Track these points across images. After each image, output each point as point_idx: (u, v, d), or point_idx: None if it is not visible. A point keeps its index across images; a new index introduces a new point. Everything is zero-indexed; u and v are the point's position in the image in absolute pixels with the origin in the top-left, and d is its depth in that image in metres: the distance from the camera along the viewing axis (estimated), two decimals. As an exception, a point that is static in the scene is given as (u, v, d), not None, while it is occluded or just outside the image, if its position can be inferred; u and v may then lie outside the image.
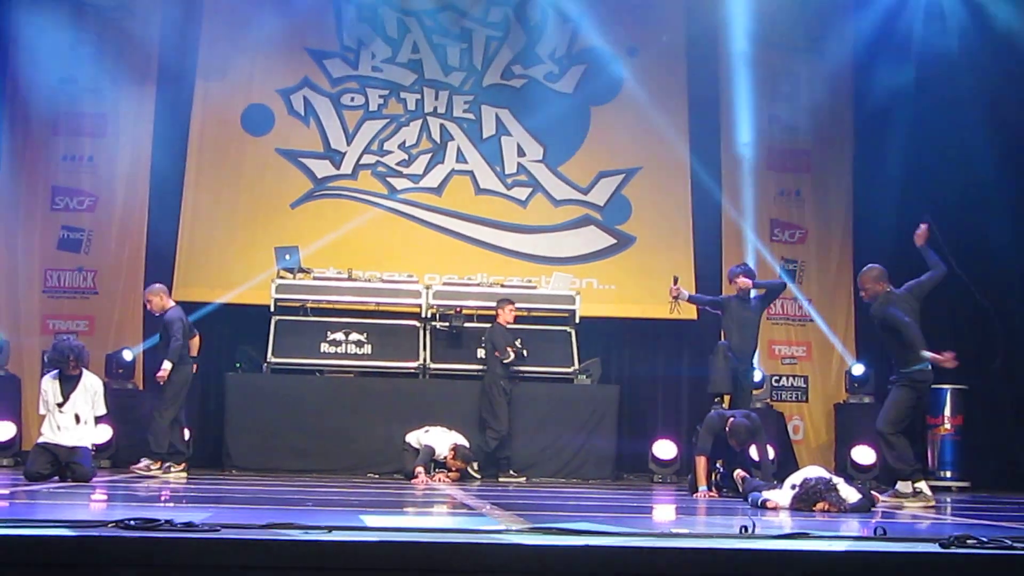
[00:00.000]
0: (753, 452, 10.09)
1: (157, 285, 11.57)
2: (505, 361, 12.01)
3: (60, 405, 9.03)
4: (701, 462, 9.81)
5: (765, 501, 8.02)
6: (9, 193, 13.42)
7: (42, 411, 9.17)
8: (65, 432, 9.02)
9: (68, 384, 9.09)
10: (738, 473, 9.55)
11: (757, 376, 13.32)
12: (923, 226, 9.79)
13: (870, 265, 10.05)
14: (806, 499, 7.77)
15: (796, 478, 8.12)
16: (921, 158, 13.40)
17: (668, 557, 4.01)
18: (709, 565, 3.94)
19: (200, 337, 11.55)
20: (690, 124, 14.49)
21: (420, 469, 11.00)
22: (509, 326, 12.23)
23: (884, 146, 13.82)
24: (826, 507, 7.67)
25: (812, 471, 8.33)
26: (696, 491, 9.72)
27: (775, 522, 6.76)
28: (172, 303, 11.44)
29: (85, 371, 9.22)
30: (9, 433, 11.85)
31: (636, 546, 4.14)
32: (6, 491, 7.57)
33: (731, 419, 9.75)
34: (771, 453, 12.53)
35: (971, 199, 13.08)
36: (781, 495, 8.01)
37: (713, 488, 9.78)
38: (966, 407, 12.71)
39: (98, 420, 9.37)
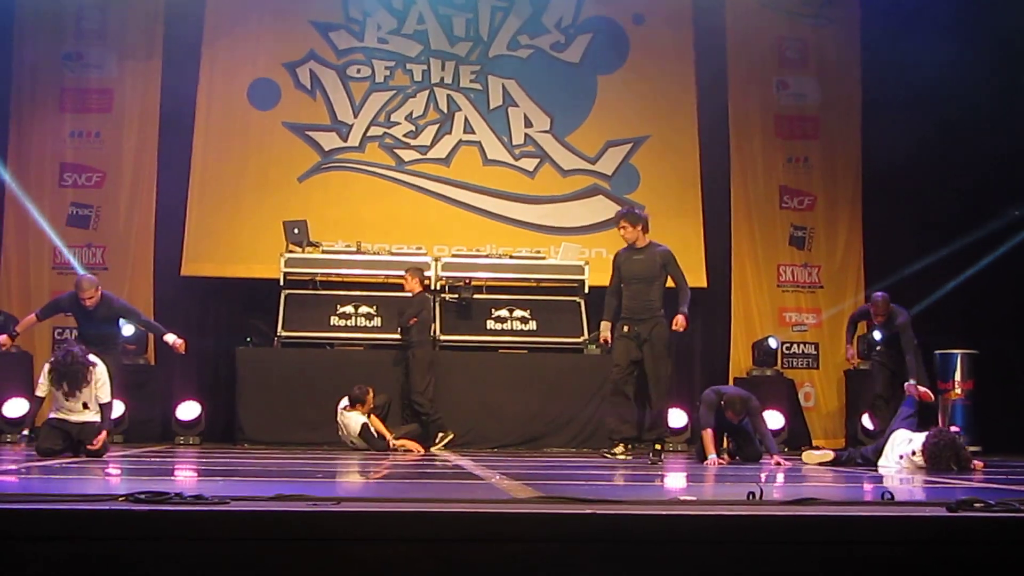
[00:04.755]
0: (752, 425, 10.15)
1: (89, 276, 10.65)
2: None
3: (67, 395, 9.00)
4: (707, 434, 9.89)
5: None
6: (18, 170, 13.46)
7: (40, 394, 9.10)
8: (74, 413, 9.03)
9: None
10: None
11: (773, 344, 13.34)
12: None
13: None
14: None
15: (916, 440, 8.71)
16: (930, 121, 13.34)
17: (676, 524, 4.01)
18: (717, 531, 3.95)
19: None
20: (698, 91, 14.44)
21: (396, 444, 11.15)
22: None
23: (892, 110, 13.76)
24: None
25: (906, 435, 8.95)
26: (704, 460, 9.78)
27: (784, 488, 6.78)
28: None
29: (89, 358, 9.14)
30: (21, 409, 11.91)
31: (644, 513, 4.15)
32: (19, 467, 7.62)
33: (725, 394, 10.00)
34: (781, 421, 12.63)
35: (981, 162, 13.06)
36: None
37: (725, 455, 9.94)
38: (977, 371, 12.70)
39: (104, 404, 9.22)
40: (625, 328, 9.62)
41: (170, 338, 10.39)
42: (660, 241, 13.87)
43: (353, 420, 11.23)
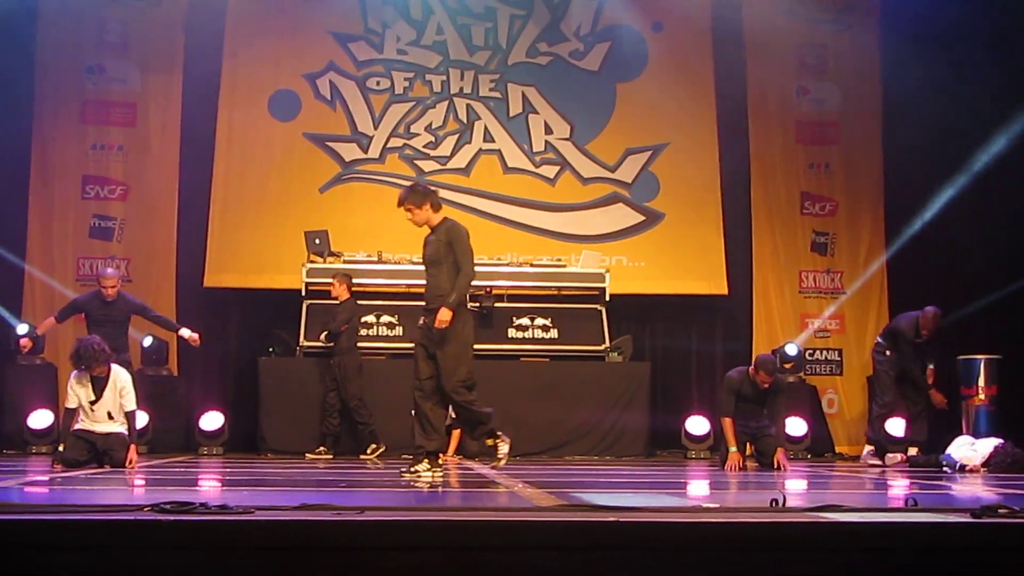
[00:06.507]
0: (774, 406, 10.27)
1: (110, 270, 11.25)
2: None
3: (93, 403, 9.05)
4: (727, 423, 9.93)
5: (964, 466, 9.74)
6: (41, 182, 13.56)
7: (70, 405, 9.14)
8: (99, 424, 9.08)
9: (99, 382, 9.11)
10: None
11: (793, 351, 13.30)
12: None
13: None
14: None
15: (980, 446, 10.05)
16: (951, 125, 13.28)
17: (699, 531, 4.02)
18: (741, 539, 3.95)
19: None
20: (717, 98, 14.42)
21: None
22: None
23: (913, 114, 13.70)
24: None
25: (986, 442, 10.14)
26: (727, 458, 9.77)
27: (806, 495, 6.77)
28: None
29: (113, 366, 9.21)
30: (47, 421, 11.98)
31: (668, 521, 4.16)
32: (44, 477, 7.66)
33: (754, 360, 10.16)
34: (804, 428, 12.60)
35: (1001, 163, 12.97)
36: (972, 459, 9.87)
37: (746, 459, 9.99)
38: (1000, 377, 12.60)
39: (129, 413, 9.27)
40: (420, 321, 8.25)
41: (185, 332, 10.77)
42: (681, 249, 14.00)
43: None
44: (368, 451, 11.70)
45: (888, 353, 11.78)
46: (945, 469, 9.96)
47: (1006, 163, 12.96)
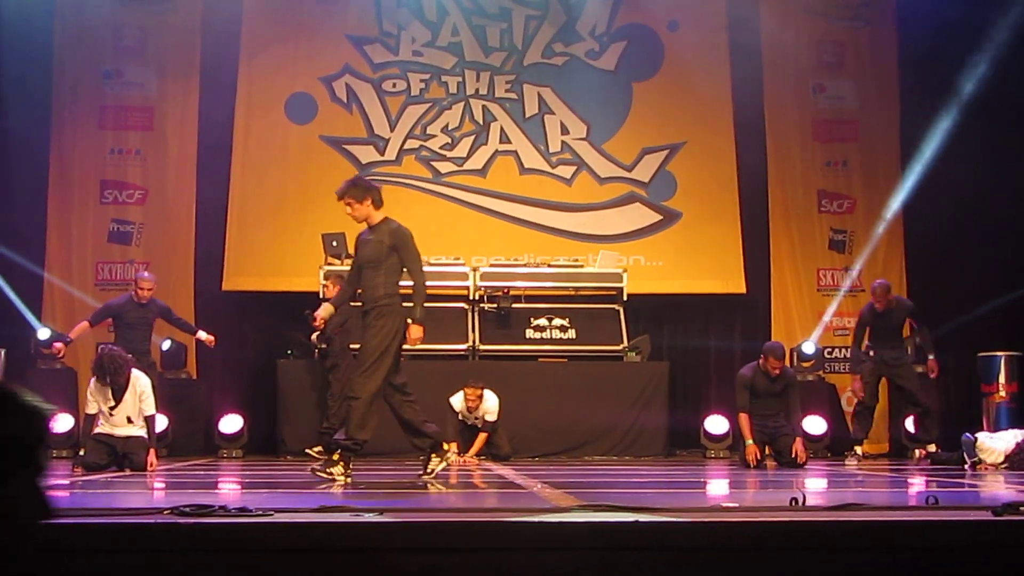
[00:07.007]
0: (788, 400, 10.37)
1: (147, 273, 11.49)
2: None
3: (112, 408, 9.10)
4: (743, 419, 9.99)
5: (980, 460, 9.72)
6: (59, 187, 13.62)
7: (90, 411, 9.20)
8: (118, 428, 9.12)
9: (118, 387, 9.14)
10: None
11: (810, 349, 13.27)
12: None
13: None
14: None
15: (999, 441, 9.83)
16: (970, 121, 13.23)
17: (719, 531, 4.01)
18: (761, 539, 3.94)
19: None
20: (733, 96, 14.38)
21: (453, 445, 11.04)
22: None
23: (931, 111, 13.65)
24: None
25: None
26: (745, 453, 9.79)
27: (825, 495, 6.75)
28: None
29: (133, 370, 9.26)
30: (67, 425, 12.03)
31: (686, 521, 4.15)
32: (65, 481, 7.69)
33: (762, 350, 10.25)
34: (824, 427, 12.57)
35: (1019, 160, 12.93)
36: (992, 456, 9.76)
37: (764, 459, 9.98)
38: (1021, 374, 12.56)
39: (149, 417, 9.32)
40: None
41: (202, 335, 11.23)
42: (698, 248, 13.96)
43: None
44: (313, 448, 11.12)
45: (872, 353, 11.82)
46: (965, 466, 9.88)
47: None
